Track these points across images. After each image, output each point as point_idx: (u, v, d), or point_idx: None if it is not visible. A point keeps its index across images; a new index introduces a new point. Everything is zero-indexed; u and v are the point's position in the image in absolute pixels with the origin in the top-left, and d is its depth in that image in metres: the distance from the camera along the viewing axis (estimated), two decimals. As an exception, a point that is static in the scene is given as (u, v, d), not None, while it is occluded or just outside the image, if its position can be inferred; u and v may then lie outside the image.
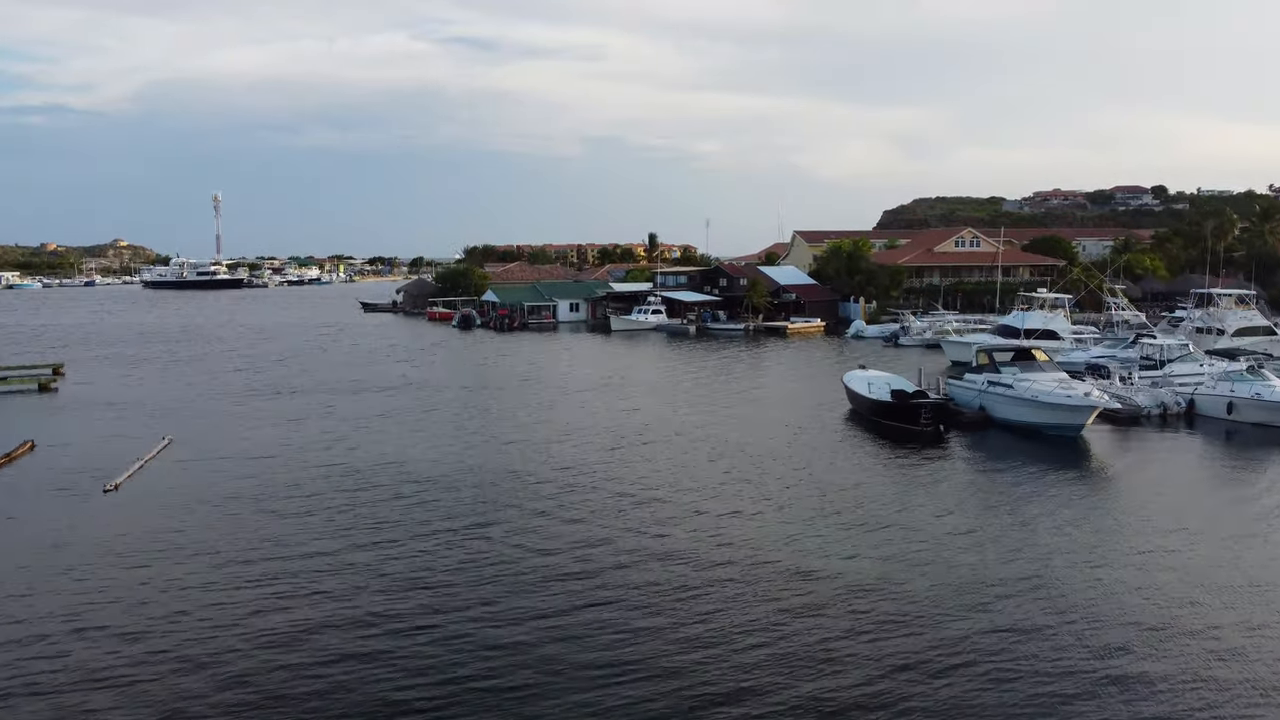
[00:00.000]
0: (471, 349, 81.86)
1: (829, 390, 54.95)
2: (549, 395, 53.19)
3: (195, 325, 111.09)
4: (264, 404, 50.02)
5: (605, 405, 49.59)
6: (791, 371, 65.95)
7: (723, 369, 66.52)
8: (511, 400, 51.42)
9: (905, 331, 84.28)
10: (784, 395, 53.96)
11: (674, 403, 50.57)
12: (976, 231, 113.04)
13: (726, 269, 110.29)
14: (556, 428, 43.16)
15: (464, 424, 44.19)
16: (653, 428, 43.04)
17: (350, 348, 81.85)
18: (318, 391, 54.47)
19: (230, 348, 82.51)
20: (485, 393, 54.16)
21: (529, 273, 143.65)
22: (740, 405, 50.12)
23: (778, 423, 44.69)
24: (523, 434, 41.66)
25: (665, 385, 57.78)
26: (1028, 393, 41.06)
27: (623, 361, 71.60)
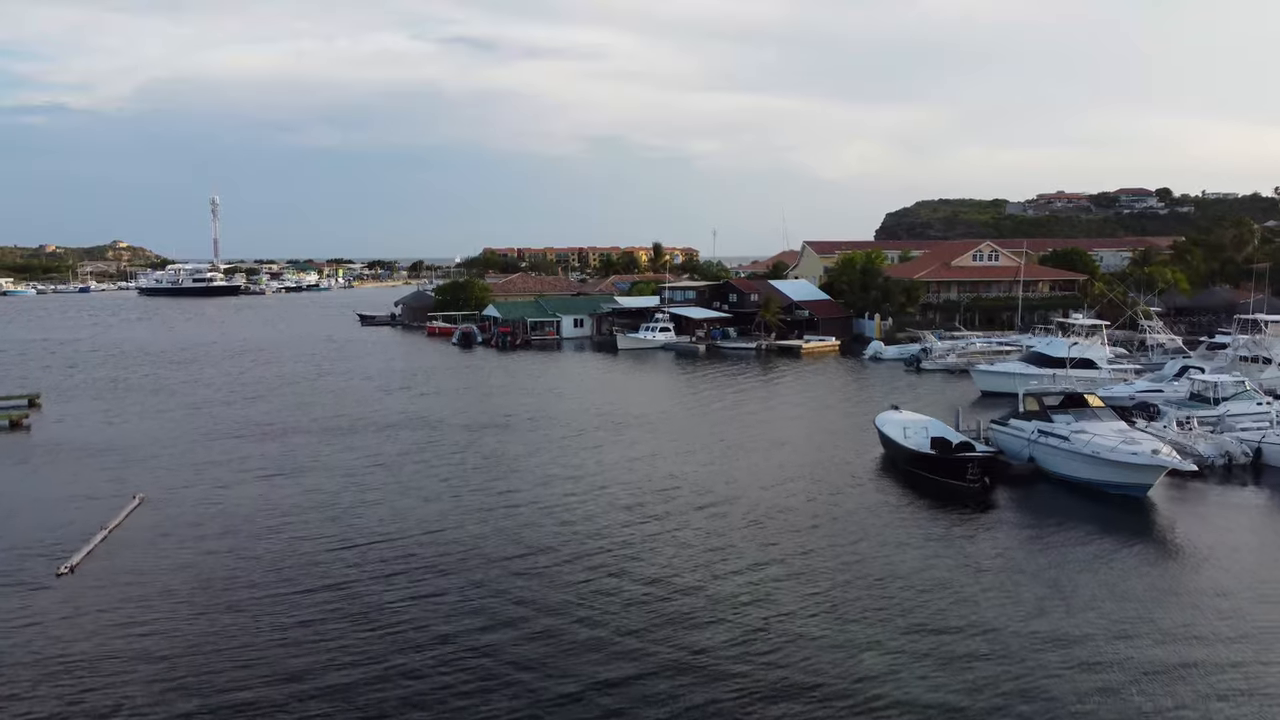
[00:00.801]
0: (473, 372, 78.04)
1: (856, 429, 51.18)
2: (558, 437, 49.38)
3: (187, 342, 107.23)
4: (250, 448, 46.19)
5: (619, 454, 45.78)
6: (812, 403, 62.12)
7: (738, 400, 62.72)
8: (518, 445, 47.60)
9: (927, 354, 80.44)
10: (809, 434, 50.14)
11: (690, 447, 46.74)
12: (995, 245, 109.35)
13: (737, 284, 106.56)
14: (568, 483, 39.35)
15: (467, 478, 40.35)
16: (672, 484, 39.24)
17: (346, 372, 78.02)
18: (309, 431, 50.64)
19: (222, 371, 78.69)
20: (489, 434, 50.34)
21: (531, 284, 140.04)
22: (762, 449, 46.31)
23: (808, 475, 40.91)
24: (531, 491, 37.87)
25: (679, 422, 53.97)
26: (1087, 447, 37.24)
27: (632, 390, 67.79)
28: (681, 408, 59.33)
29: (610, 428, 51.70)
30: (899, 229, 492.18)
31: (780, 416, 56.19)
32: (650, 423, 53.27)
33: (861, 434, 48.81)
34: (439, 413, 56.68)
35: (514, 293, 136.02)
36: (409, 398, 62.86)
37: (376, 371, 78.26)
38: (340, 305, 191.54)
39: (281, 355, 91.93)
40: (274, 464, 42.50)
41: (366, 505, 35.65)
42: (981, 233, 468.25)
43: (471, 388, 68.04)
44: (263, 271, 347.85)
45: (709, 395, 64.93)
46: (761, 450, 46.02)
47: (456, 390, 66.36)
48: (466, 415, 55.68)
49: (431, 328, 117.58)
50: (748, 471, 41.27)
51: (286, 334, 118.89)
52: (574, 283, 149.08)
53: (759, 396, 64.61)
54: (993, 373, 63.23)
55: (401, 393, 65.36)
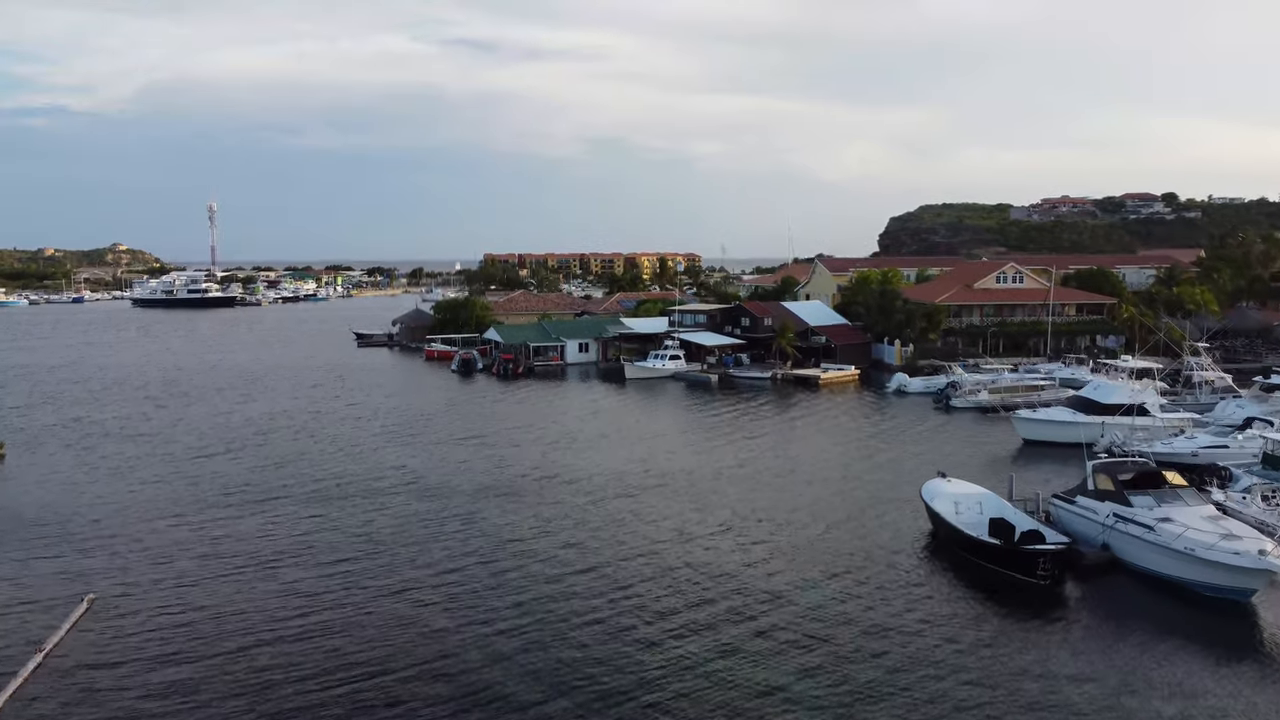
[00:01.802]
0: (474, 411, 73.28)
1: (893, 490, 46.52)
2: (569, 508, 44.62)
3: (176, 370, 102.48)
4: (225, 525, 41.38)
5: (640, 535, 41.08)
6: (839, 452, 57.35)
7: (758, 450, 57.95)
8: (526, 520, 42.87)
9: (956, 389, 75.70)
10: (844, 500, 45.39)
11: (718, 521, 42.02)
12: (1018, 266, 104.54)
13: (749, 308, 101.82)
14: (584, 581, 34.61)
15: (470, 577, 35.59)
16: (705, 579, 34.52)
17: (341, 412, 73.25)
18: (293, 498, 45.86)
19: (209, 409, 73.97)
20: (493, 504, 45.59)
21: (533, 302, 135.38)
22: (791, 513, 41.62)
23: (846, 552, 36.27)
24: (552, 580, 33.22)
25: (700, 484, 49.21)
26: (1178, 542, 32.45)
27: (645, 435, 63.00)
28: (700, 459, 54.56)
29: (626, 492, 46.93)
30: (903, 234, 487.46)
31: (808, 473, 51.40)
32: (669, 484, 48.50)
33: (902, 502, 44.13)
34: (438, 471, 51.90)
35: (515, 312, 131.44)
36: (406, 448, 58.09)
37: (373, 409, 73.54)
38: (337, 318, 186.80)
39: (274, 386, 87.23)
40: (249, 549, 37.75)
41: (350, 620, 30.89)
42: (987, 239, 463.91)
43: (473, 433, 63.26)
44: (260, 280, 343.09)
45: (727, 443, 60.17)
46: (789, 516, 41.25)
47: (456, 438, 61.57)
48: (468, 474, 50.86)
49: (430, 351, 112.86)
50: (786, 560, 36.50)
51: (281, 358, 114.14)
52: (578, 300, 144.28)
53: (781, 443, 59.83)
54: (1036, 420, 58.45)
55: (398, 441, 60.63)
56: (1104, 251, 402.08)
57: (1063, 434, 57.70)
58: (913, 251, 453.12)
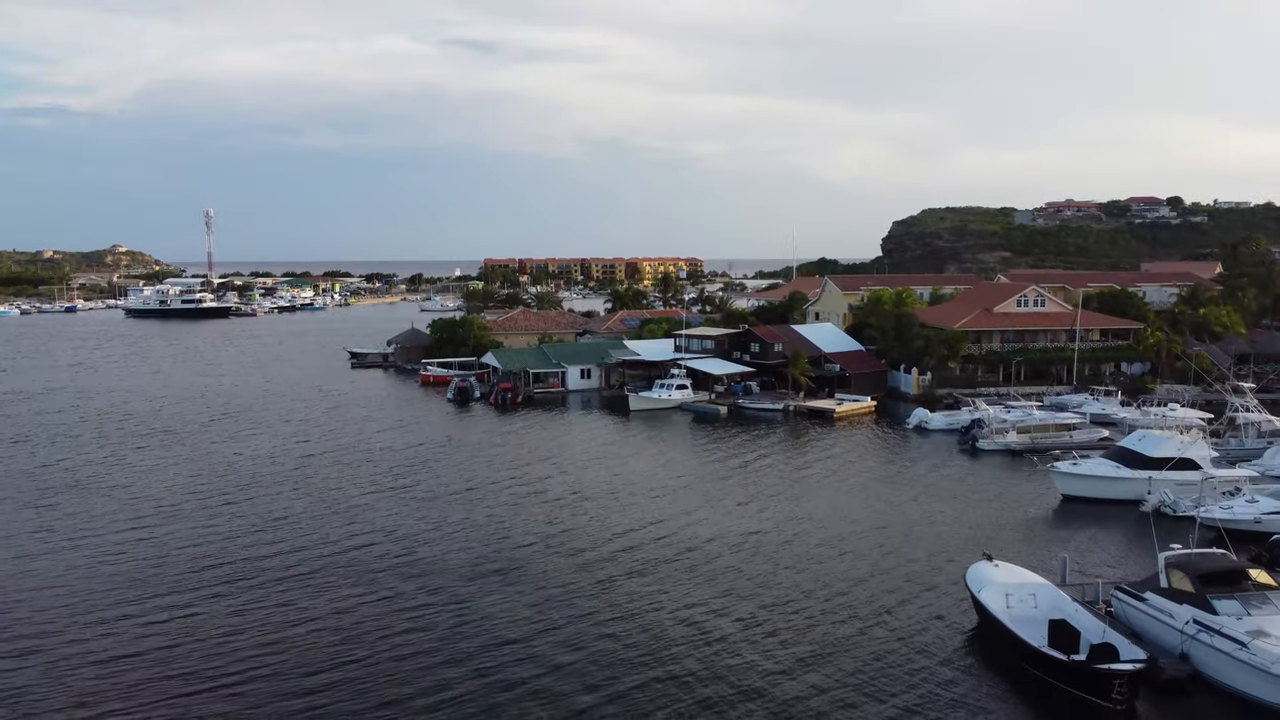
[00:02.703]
0: (470, 450, 68.96)
1: (928, 565, 42.26)
2: (574, 590, 40.32)
3: (160, 398, 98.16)
4: (180, 627, 37.01)
5: (656, 621, 36.78)
6: (863, 508, 53.04)
7: (775, 503, 53.64)
8: (525, 611, 38.58)
9: (981, 427, 71.39)
10: (873, 573, 41.08)
11: (736, 591, 37.71)
12: (1041, 289, 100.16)
13: (759, 333, 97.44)
14: (597, 693, 30.33)
15: (465, 696, 31.30)
16: (726, 682, 30.22)
17: (331, 456, 68.92)
18: (266, 580, 41.44)
19: (191, 449, 69.68)
20: (491, 586, 41.29)
21: (533, 321, 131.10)
22: (824, 603, 37.31)
23: (885, 658, 31.91)
24: (557, 698, 28.91)
25: (715, 545, 44.95)
26: (1279, 665, 28.14)
27: (654, 482, 58.68)
28: (716, 523, 50.24)
29: (638, 568, 42.60)
30: (906, 238, 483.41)
31: (836, 541, 47.07)
32: (685, 558, 44.16)
33: (943, 586, 39.86)
34: (431, 538, 47.55)
35: (514, 331, 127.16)
36: (397, 505, 53.72)
37: (364, 450, 69.25)
38: (333, 332, 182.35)
39: (263, 419, 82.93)
40: (206, 662, 33.41)
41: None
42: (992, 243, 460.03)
43: (469, 484, 58.93)
44: (256, 287, 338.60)
45: (743, 498, 55.86)
46: (829, 623, 36.88)
47: (452, 491, 57.22)
48: (463, 542, 46.48)
49: (426, 376, 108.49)
50: (820, 672, 32.17)
51: (273, 381, 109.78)
52: (579, 318, 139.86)
53: (802, 497, 55.49)
54: (1077, 475, 54.07)
55: (389, 493, 56.29)
56: (1110, 256, 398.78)
57: (1106, 490, 53.53)
58: (916, 256, 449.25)
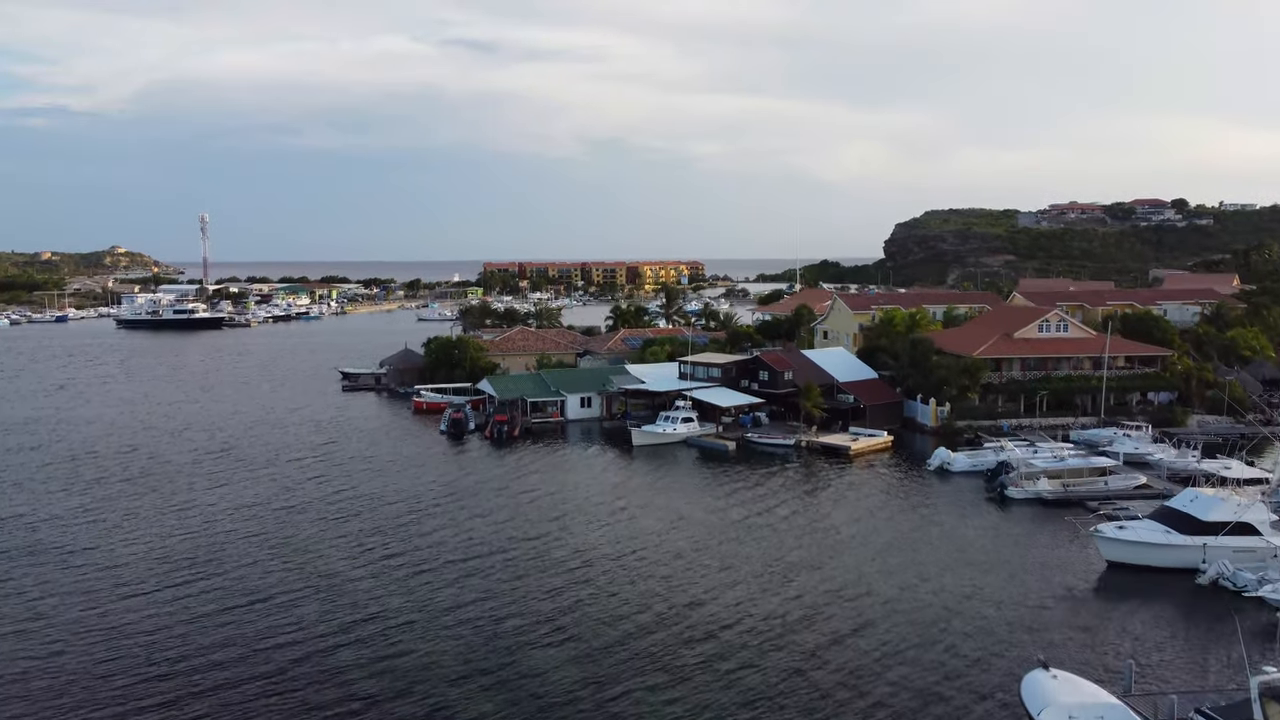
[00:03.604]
0: (465, 500, 64.49)
1: (975, 664, 37.78)
2: (588, 700, 35.81)
3: (142, 431, 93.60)
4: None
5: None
6: (887, 568, 48.56)
7: (796, 574, 49.16)
8: (533, 717, 34.06)
9: (1008, 471, 66.92)
10: (914, 670, 36.60)
11: (761, 698, 33.29)
12: (1064, 314, 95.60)
13: (768, 360, 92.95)
14: None
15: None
16: None
17: (317, 509, 64.38)
18: (224, 694, 36.88)
19: (161, 500, 65.18)
20: (486, 699, 36.79)
21: (531, 341, 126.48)
22: (858, 708, 32.89)
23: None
24: None
25: (736, 634, 40.47)
26: None
27: (663, 548, 54.22)
28: (736, 604, 45.80)
29: (649, 663, 38.12)
30: (910, 241, 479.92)
31: (867, 627, 42.60)
32: (703, 646, 39.68)
33: (991, 691, 35.37)
34: (420, 628, 43.02)
35: (512, 352, 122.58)
36: (384, 578, 49.20)
37: (352, 498, 64.85)
38: (327, 346, 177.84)
39: (247, 458, 78.47)
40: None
41: None
42: (996, 246, 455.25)
43: (465, 551, 54.42)
44: (251, 294, 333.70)
45: (760, 567, 51.39)
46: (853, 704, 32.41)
47: (446, 560, 52.64)
48: (456, 637, 41.79)
49: (419, 403, 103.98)
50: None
51: (262, 409, 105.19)
52: (579, 337, 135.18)
53: (822, 561, 51.06)
54: (1125, 542, 49.52)
55: (376, 561, 51.79)
56: (1115, 260, 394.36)
57: (1156, 558, 49.09)
58: (919, 259, 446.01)
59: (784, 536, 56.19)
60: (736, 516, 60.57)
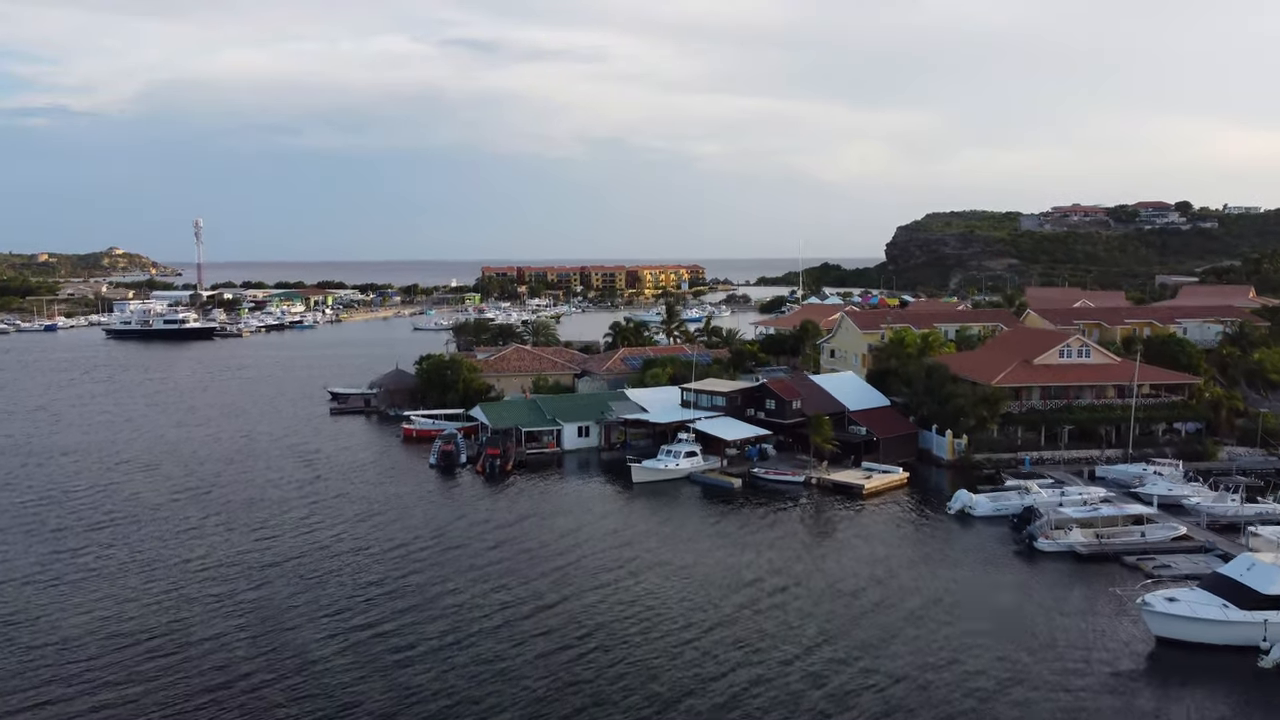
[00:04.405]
0: (453, 555, 60.01)
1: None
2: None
3: (118, 463, 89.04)
4: None
5: None
6: (917, 639, 44.06)
7: (810, 623, 44.64)
8: None
9: (1036, 517, 62.51)
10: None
11: None
12: (1086, 340, 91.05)
13: (775, 388, 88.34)
14: None
15: None
16: None
17: (293, 568, 59.87)
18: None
19: (128, 553, 60.64)
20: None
21: (527, 361, 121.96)
22: None
23: None
24: None
25: None
26: None
27: (672, 616, 49.72)
28: (755, 673, 41.29)
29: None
30: (912, 245, 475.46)
31: (890, 702, 38.10)
32: None
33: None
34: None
35: (507, 372, 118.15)
36: (360, 658, 44.70)
37: (337, 550, 60.43)
38: (319, 360, 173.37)
39: (228, 497, 74.17)
40: None
41: None
42: (999, 250, 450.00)
43: (451, 619, 49.96)
44: (245, 301, 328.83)
45: (775, 628, 46.88)
46: None
47: (430, 637, 48.20)
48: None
49: (409, 430, 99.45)
50: None
51: (247, 435, 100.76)
52: (577, 356, 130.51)
53: (841, 626, 46.55)
54: (1176, 617, 44.98)
55: (354, 636, 47.28)
56: (1120, 265, 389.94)
57: (1212, 635, 44.65)
58: (921, 263, 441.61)
59: (801, 601, 51.60)
60: (748, 576, 55.89)
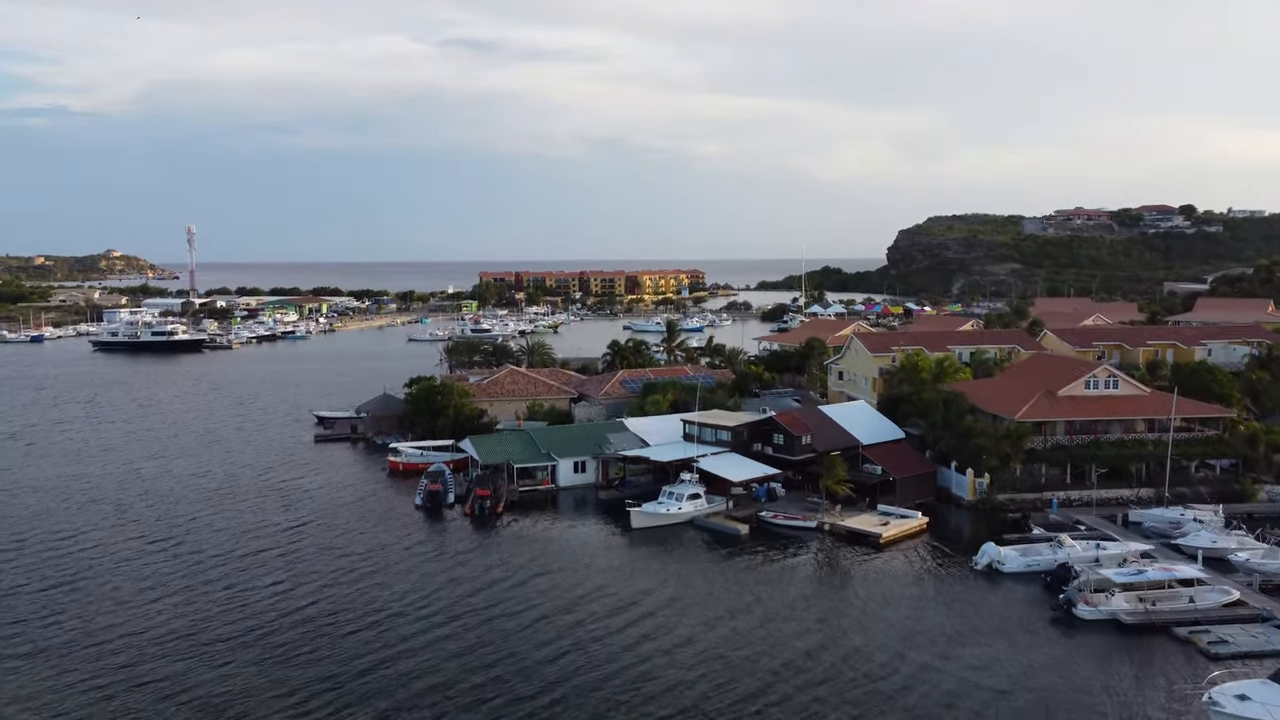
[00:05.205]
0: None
1: None
2: None
3: (88, 503, 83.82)
4: None
5: None
6: (957, 709, 38.95)
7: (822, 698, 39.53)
8: None
9: (1070, 574, 57.49)
10: None
11: None
12: (1114, 369, 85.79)
13: (784, 423, 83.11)
14: None
15: None
16: None
17: (259, 642, 54.68)
18: None
19: (81, 627, 55.41)
20: None
21: (521, 384, 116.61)
22: None
23: None
24: None
25: None
26: None
27: (681, 701, 44.51)
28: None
29: None
30: (914, 249, 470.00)
31: None
32: None
33: None
34: None
35: (501, 396, 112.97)
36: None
37: (313, 620, 55.16)
38: (309, 376, 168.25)
39: (200, 547, 68.99)
40: None
41: None
42: (1002, 254, 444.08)
43: (437, 708, 44.76)
44: (238, 309, 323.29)
45: (787, 713, 41.75)
46: None
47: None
48: None
49: (394, 463, 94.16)
50: None
51: (229, 464, 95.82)
52: (574, 378, 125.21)
53: (860, 709, 41.43)
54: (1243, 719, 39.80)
55: None
56: (1124, 269, 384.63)
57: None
58: (923, 268, 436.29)
59: (818, 687, 46.38)
60: (768, 663, 50.53)
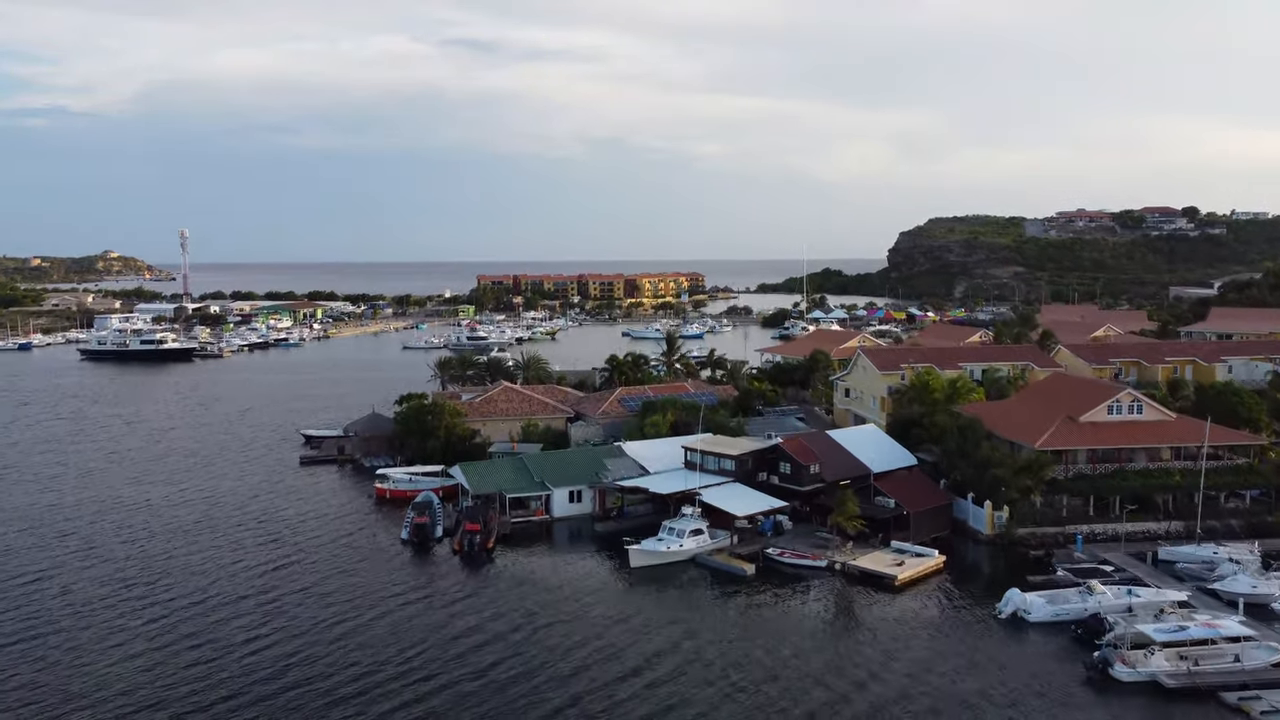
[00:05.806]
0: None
1: None
2: None
3: (47, 548, 79.37)
4: None
5: None
6: None
7: None
8: None
9: (1104, 626, 53.22)
10: None
11: None
12: (1138, 394, 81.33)
13: (791, 450, 78.69)
14: None
15: None
16: None
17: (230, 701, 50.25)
18: None
19: (18, 699, 50.98)
20: None
21: (516, 402, 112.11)
22: None
23: None
24: None
25: None
26: None
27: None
28: None
29: None
30: (915, 251, 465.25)
31: None
32: None
33: None
34: None
35: (494, 416, 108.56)
36: None
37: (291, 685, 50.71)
38: (299, 390, 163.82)
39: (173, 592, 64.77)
40: None
41: None
42: (1004, 256, 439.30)
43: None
44: (231, 315, 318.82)
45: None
46: None
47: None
48: None
49: (381, 490, 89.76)
50: None
51: (212, 491, 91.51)
52: (571, 395, 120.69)
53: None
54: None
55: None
56: (1127, 272, 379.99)
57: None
58: (925, 270, 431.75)
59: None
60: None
